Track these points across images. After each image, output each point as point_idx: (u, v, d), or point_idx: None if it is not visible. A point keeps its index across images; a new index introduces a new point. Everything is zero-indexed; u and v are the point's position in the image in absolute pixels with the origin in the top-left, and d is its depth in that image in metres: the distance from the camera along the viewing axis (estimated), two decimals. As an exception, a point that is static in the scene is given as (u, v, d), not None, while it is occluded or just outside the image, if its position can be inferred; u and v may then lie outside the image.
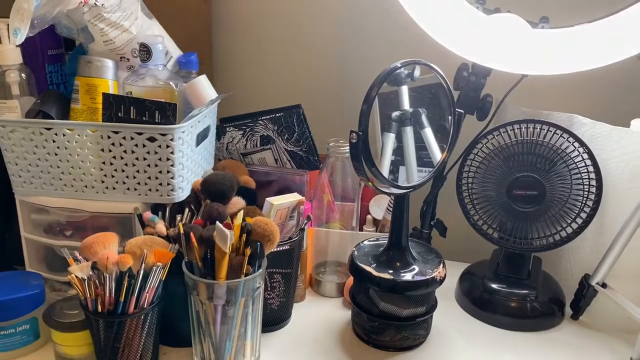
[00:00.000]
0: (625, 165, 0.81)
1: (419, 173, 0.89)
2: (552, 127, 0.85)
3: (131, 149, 0.77)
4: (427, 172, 0.82)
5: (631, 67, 0.94)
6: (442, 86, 0.78)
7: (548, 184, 0.84)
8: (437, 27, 0.86)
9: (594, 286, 0.83)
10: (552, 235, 0.87)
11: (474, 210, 0.91)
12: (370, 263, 0.79)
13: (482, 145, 0.89)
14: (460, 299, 0.92)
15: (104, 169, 0.79)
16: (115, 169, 0.79)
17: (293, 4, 1.11)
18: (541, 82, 0.86)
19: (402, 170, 0.96)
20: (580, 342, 0.83)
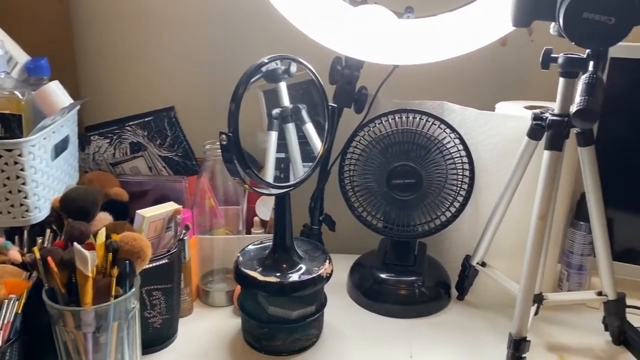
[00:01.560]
0: (493, 147, 0.84)
1: (304, 169, 0.87)
2: (424, 116, 0.87)
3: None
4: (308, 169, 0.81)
5: (495, 52, 0.99)
6: (314, 81, 0.77)
7: (424, 171, 0.85)
8: (306, 21, 0.85)
9: (475, 266, 0.86)
10: (432, 220, 0.89)
11: (357, 203, 0.90)
12: (256, 267, 0.76)
13: (360, 138, 0.89)
14: (352, 292, 0.91)
15: (-58, 194, 0.69)
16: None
17: (158, 4, 1.05)
18: (413, 71, 0.88)
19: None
20: (467, 321, 0.86)
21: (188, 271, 0.84)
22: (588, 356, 0.77)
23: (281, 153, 0.87)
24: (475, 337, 0.82)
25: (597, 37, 0.56)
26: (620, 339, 0.79)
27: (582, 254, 0.88)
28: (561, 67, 0.68)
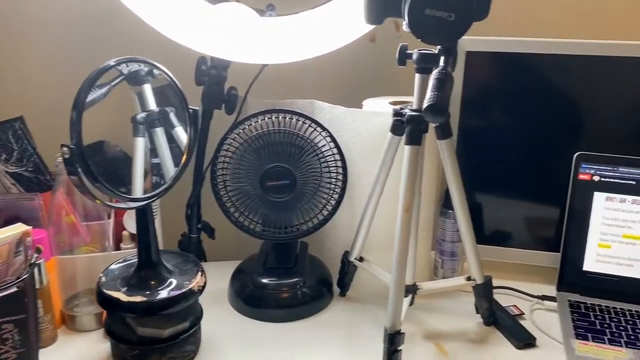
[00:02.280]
0: (362, 144, 0.85)
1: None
2: (295, 115, 0.85)
3: None
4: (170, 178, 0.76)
5: (364, 49, 1.00)
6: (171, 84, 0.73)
7: (298, 171, 0.84)
8: (162, 21, 0.80)
9: (353, 262, 0.87)
10: (310, 219, 0.88)
11: (233, 207, 0.87)
12: (120, 288, 0.71)
13: (231, 140, 0.86)
14: (233, 300, 0.88)
15: None
16: None
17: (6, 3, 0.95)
18: (283, 70, 0.86)
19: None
20: (350, 317, 0.86)
21: (47, 297, 0.76)
22: (462, 340, 0.80)
23: (157, 159, 0.82)
24: (358, 332, 0.82)
25: (439, 33, 0.57)
26: (490, 320, 0.83)
27: (453, 241, 0.92)
28: (416, 63, 0.69)
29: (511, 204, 0.95)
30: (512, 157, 0.93)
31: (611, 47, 0.85)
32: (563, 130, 0.90)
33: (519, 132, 0.92)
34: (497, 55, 0.89)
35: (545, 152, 0.92)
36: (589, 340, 0.77)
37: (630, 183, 0.85)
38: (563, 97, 0.89)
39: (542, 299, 0.89)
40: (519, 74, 0.89)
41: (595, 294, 0.87)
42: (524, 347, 0.78)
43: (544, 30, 1.00)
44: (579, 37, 0.87)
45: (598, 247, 0.87)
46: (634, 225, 0.85)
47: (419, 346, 0.78)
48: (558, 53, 0.87)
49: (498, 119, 0.92)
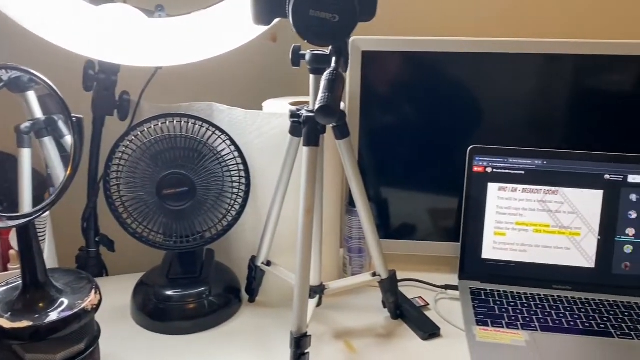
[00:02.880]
0: (264, 146, 0.84)
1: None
2: (192, 119, 0.82)
3: None
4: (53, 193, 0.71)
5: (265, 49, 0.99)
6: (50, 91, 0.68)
7: (197, 177, 0.82)
8: (41, 24, 0.75)
9: (260, 266, 0.85)
10: (214, 226, 0.85)
11: (130, 219, 0.83)
12: (2, 314, 0.65)
13: (124, 148, 0.82)
14: (136, 316, 0.84)
15: None
16: None
17: None
18: (179, 73, 0.83)
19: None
20: (259, 323, 0.85)
21: None
22: (370, 336, 0.81)
23: (48, 170, 0.76)
24: (268, 338, 0.81)
25: (324, 34, 0.57)
26: (397, 313, 0.85)
27: (359, 238, 0.93)
28: (309, 64, 0.69)
29: (415, 198, 0.98)
30: (413, 153, 0.95)
31: (499, 44, 0.89)
32: (458, 124, 0.94)
33: (417, 128, 0.94)
34: (393, 55, 0.91)
35: (443, 146, 0.95)
36: (489, 325, 0.81)
37: (520, 173, 0.90)
38: (456, 93, 0.93)
39: (446, 289, 0.92)
40: (414, 72, 0.92)
41: (494, 280, 0.92)
42: (429, 337, 0.80)
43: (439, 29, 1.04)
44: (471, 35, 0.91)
45: (494, 235, 0.92)
46: (525, 213, 0.90)
47: (328, 346, 0.79)
48: (450, 51, 0.90)
49: (397, 116, 0.94)
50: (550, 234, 0.90)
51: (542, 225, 0.90)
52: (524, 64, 0.90)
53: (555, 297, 0.88)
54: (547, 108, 0.92)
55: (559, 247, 0.90)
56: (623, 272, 0.89)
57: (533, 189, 0.90)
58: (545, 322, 0.81)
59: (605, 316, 0.83)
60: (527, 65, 0.90)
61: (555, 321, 0.82)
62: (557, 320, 0.82)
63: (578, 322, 0.81)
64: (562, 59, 0.89)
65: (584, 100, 0.91)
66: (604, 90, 0.90)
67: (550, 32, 1.09)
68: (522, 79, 0.91)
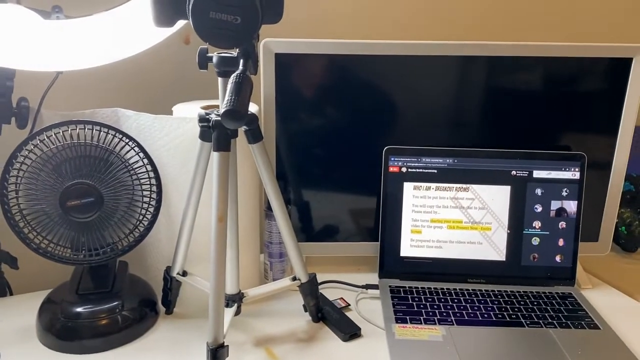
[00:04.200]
0: (174, 152, 0.81)
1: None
2: (97, 126, 0.78)
3: None
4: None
5: (176, 52, 0.96)
6: None
7: (104, 186, 0.78)
8: None
9: (176, 277, 0.83)
10: (126, 237, 0.82)
11: (33, 233, 0.78)
12: None
13: (23, 158, 0.76)
14: (42, 336, 0.79)
15: None
16: None
17: None
18: (83, 78, 0.79)
19: None
20: (177, 335, 0.81)
21: None
22: (291, 341, 0.80)
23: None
24: (186, 350, 0.78)
25: (226, 37, 0.56)
26: (318, 317, 0.85)
27: (280, 242, 0.92)
28: (216, 66, 0.67)
29: (335, 199, 0.98)
30: (331, 154, 0.96)
31: (411, 47, 0.91)
32: (374, 125, 0.95)
33: (334, 130, 0.95)
34: (306, 57, 0.90)
35: (360, 148, 0.96)
36: (407, 322, 0.82)
37: (433, 172, 0.92)
38: (371, 94, 0.94)
39: (366, 288, 0.93)
40: (329, 74, 0.92)
41: (412, 277, 0.94)
42: (350, 338, 0.81)
43: (356, 32, 1.05)
44: (386, 38, 0.92)
45: (411, 232, 0.93)
46: (439, 210, 0.93)
47: (249, 354, 0.77)
48: (364, 53, 0.91)
49: (313, 118, 0.94)
50: (463, 229, 0.93)
51: (456, 221, 0.93)
52: (435, 66, 0.92)
53: (470, 291, 0.91)
54: (459, 108, 0.95)
55: (472, 242, 0.93)
56: (532, 263, 0.93)
57: (445, 186, 0.92)
58: (461, 315, 0.84)
59: (517, 306, 0.86)
60: (438, 67, 0.92)
61: (470, 314, 0.84)
62: (471, 313, 0.85)
63: (491, 314, 0.85)
64: (472, 61, 0.92)
65: (492, 100, 0.95)
66: (511, 90, 0.94)
67: (460, 34, 1.13)
68: (435, 81, 0.93)
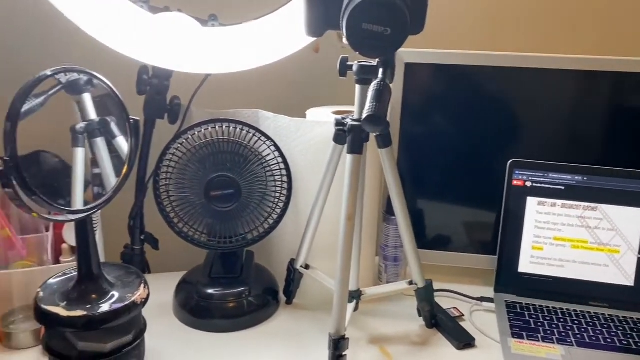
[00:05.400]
0: (306, 153, 0.86)
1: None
2: (239, 125, 0.86)
3: None
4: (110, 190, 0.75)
5: (308, 59, 1.02)
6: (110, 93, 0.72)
7: (243, 180, 0.85)
8: (102, 30, 0.79)
9: (299, 269, 0.88)
10: (256, 228, 0.88)
11: (177, 218, 0.87)
12: (59, 302, 0.69)
13: (174, 150, 0.86)
14: (178, 312, 0.87)
15: None
16: None
17: None
18: (227, 80, 0.86)
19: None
20: (296, 325, 0.87)
21: (-19, 315, 0.74)
22: (405, 343, 0.82)
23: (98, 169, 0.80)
24: (304, 340, 0.83)
25: (376, 46, 0.59)
26: (432, 323, 0.86)
27: (396, 246, 0.94)
28: (356, 74, 0.71)
29: (451, 209, 0.99)
30: (451, 164, 0.97)
31: (540, 60, 0.90)
32: (498, 138, 0.95)
33: (456, 140, 0.95)
34: (435, 67, 0.92)
35: (482, 159, 0.96)
36: (524, 338, 0.81)
37: (560, 188, 0.90)
38: (497, 106, 0.94)
39: (481, 301, 0.92)
40: (456, 85, 0.93)
41: (530, 294, 0.92)
42: (464, 347, 0.81)
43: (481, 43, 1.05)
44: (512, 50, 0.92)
45: (532, 249, 0.92)
46: (564, 228, 0.90)
47: (364, 350, 0.80)
48: (492, 65, 0.91)
49: (437, 127, 0.96)
50: (588, 250, 0.90)
51: (581, 241, 0.90)
52: (564, 80, 0.90)
53: (592, 314, 0.87)
54: (588, 124, 0.92)
55: (597, 263, 0.90)
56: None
57: (572, 204, 0.90)
58: (582, 337, 0.81)
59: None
60: (568, 81, 0.90)
61: (592, 337, 0.81)
62: (593, 336, 0.82)
63: (615, 339, 0.81)
64: (601, 76, 0.89)
65: (624, 117, 0.91)
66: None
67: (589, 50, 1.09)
68: (563, 94, 0.91)
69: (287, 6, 0.85)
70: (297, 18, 0.84)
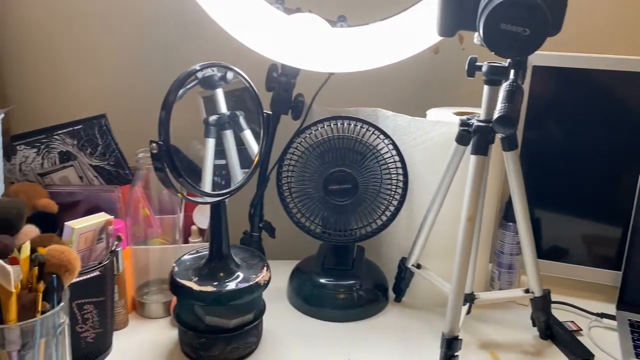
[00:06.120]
0: (425, 152, 0.87)
1: (243, 176, 0.87)
2: (359, 122, 0.88)
3: None
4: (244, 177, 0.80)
5: (428, 60, 1.02)
6: (248, 88, 0.77)
7: (360, 176, 0.87)
8: (240, 29, 0.85)
9: (410, 268, 0.89)
10: (369, 224, 0.90)
11: (295, 209, 0.91)
12: (192, 277, 0.75)
13: (297, 144, 0.90)
14: (292, 298, 0.92)
15: None
16: None
17: (89, 7, 1.02)
18: (348, 79, 0.89)
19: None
20: (404, 322, 0.88)
21: (122, 283, 0.82)
22: (517, 351, 0.80)
23: (222, 160, 0.86)
24: (412, 338, 0.83)
25: (514, 47, 0.59)
26: (547, 334, 0.83)
27: (511, 254, 0.92)
28: (485, 75, 0.71)
29: (571, 220, 0.95)
30: (574, 173, 0.93)
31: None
32: (628, 147, 0.89)
33: (582, 148, 0.91)
34: (563, 71, 0.89)
35: (609, 170, 0.91)
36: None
37: (699, 204, 0.84)
38: (628, 114, 0.89)
39: (601, 317, 0.88)
40: (585, 90, 0.89)
41: (657, 315, 0.86)
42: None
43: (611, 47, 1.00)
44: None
45: (662, 267, 0.86)
46: (701, 248, 0.84)
47: (474, 354, 0.79)
48: (624, 70, 0.86)
49: (562, 134, 0.92)
50: None
51: None
52: None
53: None
54: None
55: None
56: None
57: None
58: None
59: None
60: None
61: None
62: None
63: None
64: None
65: None
66: None
67: None
68: None
69: (414, 7, 0.87)
70: (421, 20, 0.85)
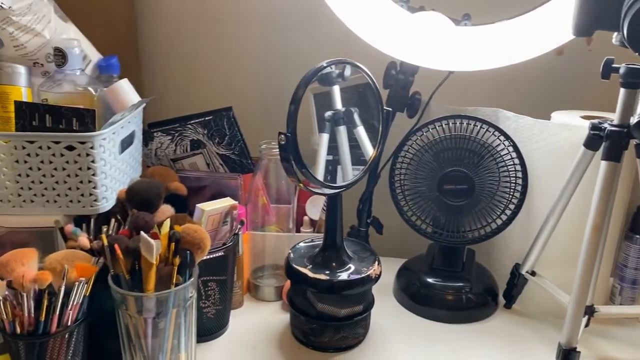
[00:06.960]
0: (547, 156, 0.84)
1: (354, 172, 0.89)
2: (479, 122, 0.87)
3: (48, 159, 0.73)
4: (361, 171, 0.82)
5: (551, 62, 0.98)
6: (370, 85, 0.79)
7: (477, 177, 0.86)
8: (364, 26, 0.87)
9: (524, 275, 0.86)
10: (483, 227, 0.89)
11: (407, 207, 0.91)
12: (306, 265, 0.78)
13: (412, 142, 0.90)
14: (398, 295, 0.92)
15: (20, 181, 0.74)
16: (32, 181, 0.74)
17: (220, 7, 1.09)
18: (467, 78, 0.88)
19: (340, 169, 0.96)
20: (514, 329, 0.85)
21: (240, 265, 0.87)
22: (639, 373, 0.76)
23: (329, 155, 0.89)
24: (522, 346, 0.81)
25: (662, 48, 0.56)
26: (674, 357, 0.77)
27: (636, 268, 0.86)
28: (622, 77, 0.67)
29: None
30: None
31: None
32: None
33: None
34: None
35: None
36: None
37: None
38: None
39: None
40: None
41: None
42: None
43: None
44: None
45: None
46: None
47: (591, 370, 0.76)
48: None
49: None
50: None
51: None
52: None
53: None
54: None
55: None
56: None
57: None
58: None
59: None
60: None
61: None
62: None
63: None
64: None
65: None
66: None
67: None
68: None
69: (541, 8, 0.84)
70: (548, 19, 0.82)
